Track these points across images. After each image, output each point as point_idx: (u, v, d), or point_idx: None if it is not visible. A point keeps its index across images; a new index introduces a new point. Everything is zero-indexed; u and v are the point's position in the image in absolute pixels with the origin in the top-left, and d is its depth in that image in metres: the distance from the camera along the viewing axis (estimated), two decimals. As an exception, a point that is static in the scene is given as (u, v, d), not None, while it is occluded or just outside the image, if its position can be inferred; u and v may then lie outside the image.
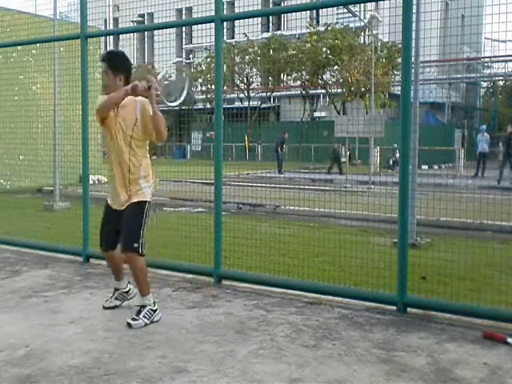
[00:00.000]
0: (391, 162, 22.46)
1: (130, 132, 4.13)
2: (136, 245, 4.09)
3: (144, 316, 4.08)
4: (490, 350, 3.63)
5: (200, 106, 35.64)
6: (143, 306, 4.13)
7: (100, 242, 4.46)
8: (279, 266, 5.35)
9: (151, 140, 4.24)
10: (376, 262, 5.28)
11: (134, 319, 4.06)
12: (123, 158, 4.14)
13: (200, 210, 10.38)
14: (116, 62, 4.26)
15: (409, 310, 4.43)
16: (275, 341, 3.78)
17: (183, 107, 32.29)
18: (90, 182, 6.36)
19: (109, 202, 4.36)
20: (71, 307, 4.52)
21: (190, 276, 5.39)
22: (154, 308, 4.16)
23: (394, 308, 4.46)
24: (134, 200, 4.15)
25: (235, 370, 3.32)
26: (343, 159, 19.93)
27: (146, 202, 4.18)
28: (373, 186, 14.04)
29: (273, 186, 11.88)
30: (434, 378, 3.21)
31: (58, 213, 10.34)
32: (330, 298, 4.75)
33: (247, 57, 34.55)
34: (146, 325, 4.04)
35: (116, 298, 4.54)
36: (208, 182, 5.52)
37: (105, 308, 4.47)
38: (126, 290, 4.57)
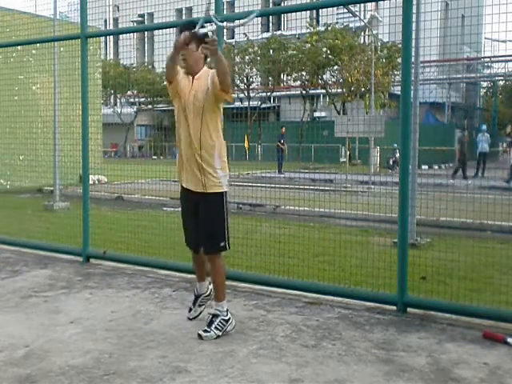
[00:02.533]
0: (391, 162, 22.45)
1: (202, 103, 3.76)
2: (222, 243, 3.84)
3: (216, 327, 3.82)
4: (490, 350, 3.63)
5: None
6: (215, 316, 3.87)
7: (185, 240, 4.13)
8: (279, 266, 5.35)
9: (221, 98, 3.78)
10: (376, 262, 5.28)
11: (205, 331, 3.80)
12: (195, 134, 3.78)
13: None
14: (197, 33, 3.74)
15: (409, 310, 4.43)
16: (275, 341, 3.79)
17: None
18: (90, 182, 6.36)
19: (183, 185, 3.95)
20: (71, 307, 4.52)
21: (190, 276, 5.38)
22: (227, 317, 3.89)
23: (394, 308, 4.46)
24: (210, 191, 3.79)
25: (235, 369, 3.32)
26: (343, 159, 19.90)
27: (224, 193, 3.84)
28: (373, 186, 14.05)
29: (273, 186, 11.88)
30: (434, 378, 3.21)
31: (58, 213, 10.34)
32: (330, 297, 4.75)
33: (247, 57, 34.54)
34: (218, 337, 3.80)
35: (199, 306, 4.22)
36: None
37: (190, 319, 4.17)
38: (208, 293, 4.23)
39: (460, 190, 8.29)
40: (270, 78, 35.87)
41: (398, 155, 19.33)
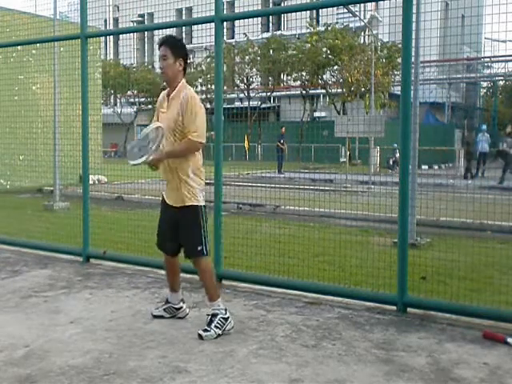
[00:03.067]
0: (391, 162, 22.45)
1: (174, 127, 3.93)
2: (200, 248, 3.96)
3: (216, 326, 3.85)
4: (490, 350, 3.63)
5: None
6: (214, 315, 3.90)
7: (157, 243, 4.26)
8: (279, 266, 5.35)
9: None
10: (376, 262, 5.28)
11: (205, 330, 3.84)
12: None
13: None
14: (178, 45, 3.99)
15: (409, 310, 4.43)
16: (275, 341, 3.79)
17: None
18: (90, 182, 6.36)
19: (164, 196, 4.15)
20: (71, 307, 4.52)
21: (190, 276, 5.38)
22: (226, 316, 3.93)
23: (394, 308, 4.46)
24: (187, 204, 3.96)
25: (235, 369, 3.32)
26: (343, 159, 19.90)
27: (200, 206, 3.98)
28: (373, 186, 14.04)
29: (273, 186, 11.88)
30: (434, 378, 3.21)
31: (58, 213, 10.34)
32: (330, 297, 4.75)
33: (247, 57, 34.54)
34: (219, 336, 3.83)
35: (165, 310, 4.27)
36: (208, 181, 5.51)
37: (153, 316, 4.24)
38: (177, 306, 4.28)
39: (460, 189, 8.28)
40: (270, 78, 35.87)
41: (397, 155, 19.33)
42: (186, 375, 3.24)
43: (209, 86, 33.14)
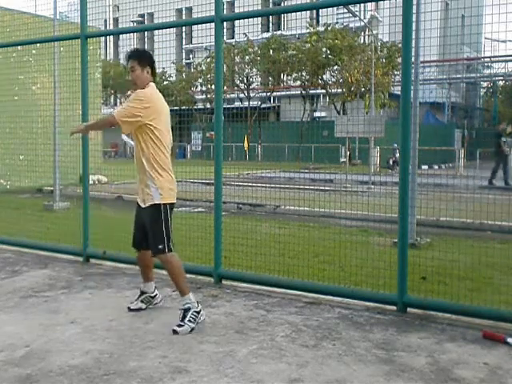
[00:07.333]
0: (391, 162, 22.45)
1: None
2: (161, 246, 4.10)
3: (189, 320, 3.97)
4: (489, 350, 3.63)
5: (200, 105, 35.66)
6: (187, 310, 4.01)
7: (132, 240, 4.48)
8: (279, 266, 5.35)
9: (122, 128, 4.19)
10: (376, 262, 5.28)
11: (179, 325, 3.94)
12: (136, 154, 4.22)
13: (200, 210, 10.38)
14: (142, 56, 4.36)
15: (409, 310, 4.43)
16: (275, 341, 3.79)
17: (183, 107, 32.31)
18: (90, 182, 6.36)
19: (137, 197, 4.38)
20: (71, 307, 4.52)
21: (189, 276, 5.38)
22: (198, 309, 4.06)
23: (394, 308, 4.46)
24: (148, 203, 4.15)
25: (235, 369, 3.32)
26: (343, 159, 19.90)
27: (160, 204, 4.12)
28: (373, 186, 14.04)
29: (273, 186, 11.87)
30: (434, 378, 3.21)
31: (58, 213, 10.34)
32: (330, 298, 4.75)
33: (247, 57, 34.54)
34: (193, 329, 3.94)
35: (142, 301, 4.47)
36: (208, 181, 5.52)
37: (130, 310, 4.41)
38: (153, 294, 4.51)
39: (460, 189, 8.28)
40: (270, 78, 35.86)
41: (398, 155, 19.31)
42: (186, 375, 3.24)
43: (209, 86, 33.16)
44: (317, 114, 37.29)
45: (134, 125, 4.11)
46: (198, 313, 4.04)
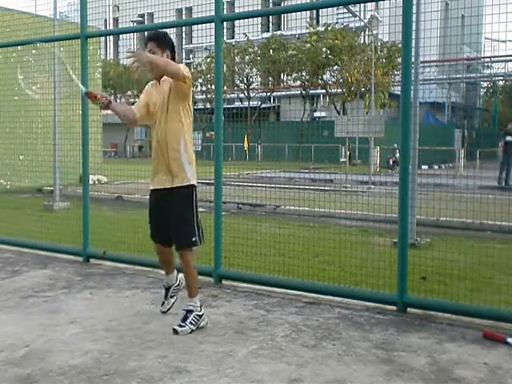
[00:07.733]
0: (391, 162, 22.45)
1: (167, 105, 3.94)
2: (194, 239, 3.94)
3: (191, 322, 3.94)
4: (489, 350, 3.63)
5: (200, 105, 35.65)
6: (189, 312, 3.98)
7: (151, 234, 4.23)
8: (279, 266, 5.35)
9: (182, 88, 3.86)
10: (376, 262, 5.28)
11: (180, 325, 3.92)
12: (162, 133, 3.93)
13: (200, 209, 10.38)
14: (163, 39, 4.06)
15: (409, 310, 4.43)
16: (275, 341, 3.79)
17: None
18: (90, 182, 6.36)
19: (151, 187, 4.09)
20: (71, 307, 4.52)
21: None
22: (201, 313, 4.02)
23: (394, 308, 4.46)
24: (184, 183, 3.90)
25: (235, 369, 3.32)
26: (343, 159, 19.90)
27: (194, 186, 3.95)
28: (373, 186, 14.04)
29: (273, 186, 11.87)
30: (434, 378, 3.21)
31: (58, 213, 10.34)
32: (330, 298, 4.75)
33: (247, 57, 34.55)
34: (192, 331, 3.91)
35: (171, 297, 4.35)
36: (208, 181, 5.52)
37: (163, 313, 4.31)
38: (177, 283, 4.36)
39: (460, 189, 8.28)
40: (270, 78, 35.88)
41: (398, 155, 19.31)
42: (186, 375, 3.24)
43: (209, 86, 33.16)
44: (317, 114, 37.32)
45: (189, 88, 3.86)
46: (200, 317, 4.01)
